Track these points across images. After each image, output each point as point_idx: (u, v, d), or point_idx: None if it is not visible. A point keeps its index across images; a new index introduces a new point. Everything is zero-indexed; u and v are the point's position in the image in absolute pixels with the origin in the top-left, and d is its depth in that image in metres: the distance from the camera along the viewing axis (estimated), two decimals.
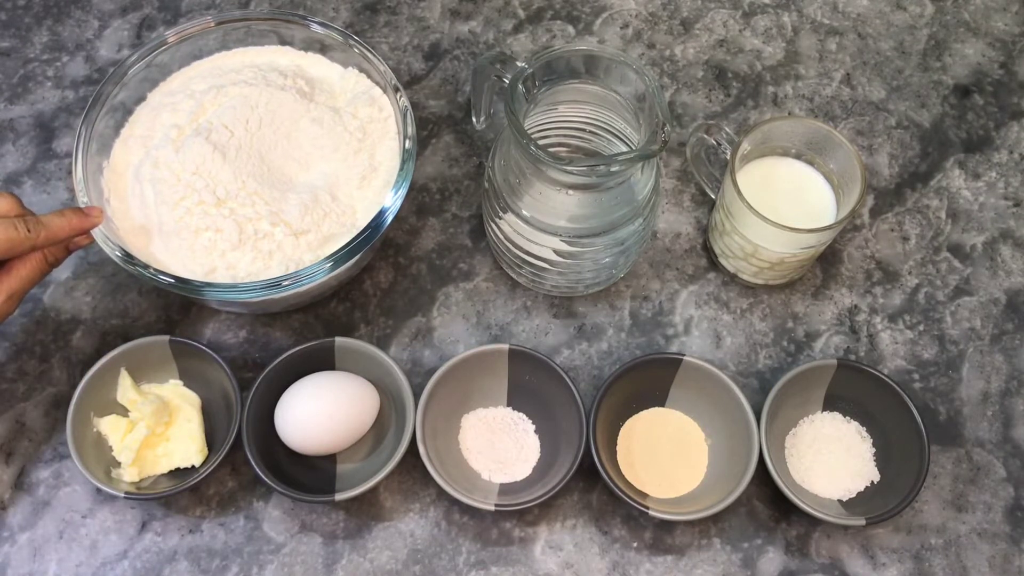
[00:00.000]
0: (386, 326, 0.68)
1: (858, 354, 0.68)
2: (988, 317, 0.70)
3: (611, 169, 0.56)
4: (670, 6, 0.81)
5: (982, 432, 0.66)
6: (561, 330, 0.68)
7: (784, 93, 0.78)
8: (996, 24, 0.81)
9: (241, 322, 0.68)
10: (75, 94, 0.76)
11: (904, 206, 0.74)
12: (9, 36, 0.79)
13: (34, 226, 0.56)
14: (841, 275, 0.71)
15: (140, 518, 0.62)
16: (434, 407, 0.62)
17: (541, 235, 0.61)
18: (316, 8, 0.80)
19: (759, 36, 0.80)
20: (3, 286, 0.56)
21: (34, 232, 0.56)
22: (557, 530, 0.62)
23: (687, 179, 0.74)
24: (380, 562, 0.61)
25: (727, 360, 0.68)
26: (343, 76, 0.69)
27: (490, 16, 0.80)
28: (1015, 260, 0.72)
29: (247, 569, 0.61)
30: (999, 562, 0.62)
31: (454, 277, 0.70)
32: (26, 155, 0.74)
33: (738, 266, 0.68)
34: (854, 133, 0.76)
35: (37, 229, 0.56)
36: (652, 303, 0.70)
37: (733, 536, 0.63)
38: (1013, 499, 0.64)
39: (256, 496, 0.63)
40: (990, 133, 0.77)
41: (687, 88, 0.78)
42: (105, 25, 0.79)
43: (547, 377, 0.63)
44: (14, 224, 0.55)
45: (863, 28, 0.81)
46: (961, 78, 0.79)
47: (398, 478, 0.63)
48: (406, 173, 0.62)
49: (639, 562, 0.62)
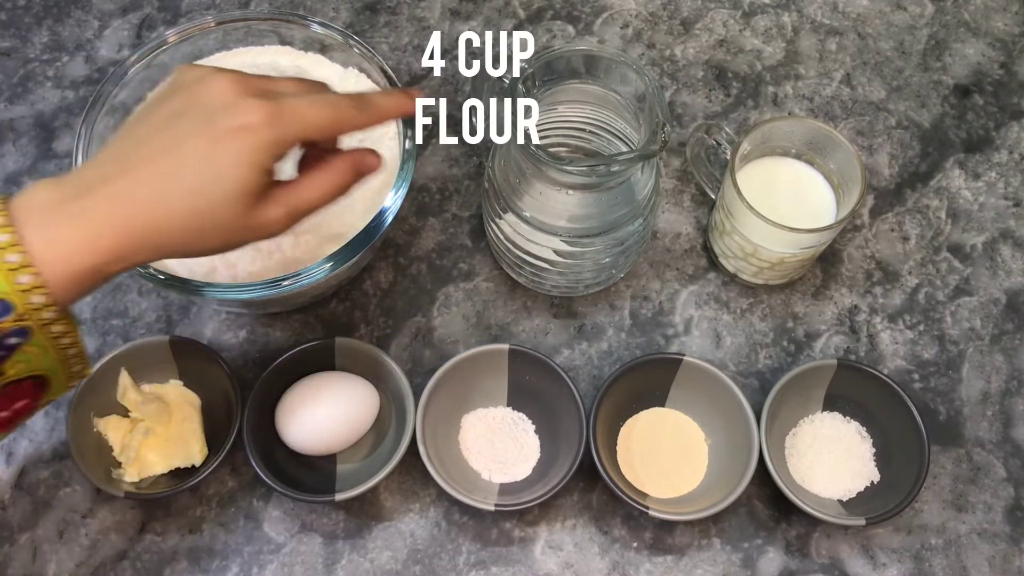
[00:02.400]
0: (386, 326, 0.68)
1: (858, 354, 0.68)
2: (988, 317, 0.70)
3: (611, 169, 0.56)
4: (670, 6, 0.81)
5: (982, 432, 0.66)
6: (561, 330, 0.68)
7: (784, 93, 0.78)
8: (996, 24, 0.81)
9: (241, 322, 0.68)
10: (75, 94, 0.76)
11: (904, 206, 0.74)
12: (9, 36, 0.78)
13: (361, 103, 0.49)
14: (841, 275, 0.71)
15: (140, 518, 0.62)
16: (434, 407, 0.62)
17: (541, 235, 0.61)
18: (316, 8, 0.80)
19: (759, 36, 0.80)
20: (283, 199, 0.48)
21: (363, 110, 0.48)
22: (557, 530, 0.62)
23: (687, 179, 0.74)
24: (380, 562, 0.61)
25: (727, 360, 0.68)
26: (343, 76, 0.69)
27: (490, 16, 0.80)
28: (1015, 260, 0.72)
29: (247, 569, 0.61)
30: (999, 562, 0.62)
31: (454, 277, 0.70)
32: (26, 155, 0.74)
33: (738, 266, 0.68)
34: (854, 133, 0.76)
35: (365, 107, 0.49)
36: (652, 303, 0.70)
37: (733, 536, 0.63)
38: (1013, 499, 0.64)
39: (256, 496, 0.63)
40: (990, 133, 0.77)
41: (687, 88, 0.78)
42: (105, 25, 0.79)
43: (547, 377, 0.63)
44: (337, 100, 0.48)
45: (863, 28, 0.81)
46: (961, 78, 0.79)
47: (398, 478, 0.63)
48: (406, 173, 0.62)
49: (639, 562, 0.62)
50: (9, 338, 0.43)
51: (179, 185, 0.45)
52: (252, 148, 0.45)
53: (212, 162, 0.45)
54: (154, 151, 0.45)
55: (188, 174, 0.45)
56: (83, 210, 0.44)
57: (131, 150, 0.46)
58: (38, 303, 0.43)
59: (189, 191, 0.45)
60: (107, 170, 0.45)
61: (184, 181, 0.45)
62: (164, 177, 0.45)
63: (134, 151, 0.46)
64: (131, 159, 0.46)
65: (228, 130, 0.45)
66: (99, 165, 0.46)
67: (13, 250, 0.43)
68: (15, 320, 0.43)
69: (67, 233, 0.44)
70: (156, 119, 0.47)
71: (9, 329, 0.43)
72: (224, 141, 0.45)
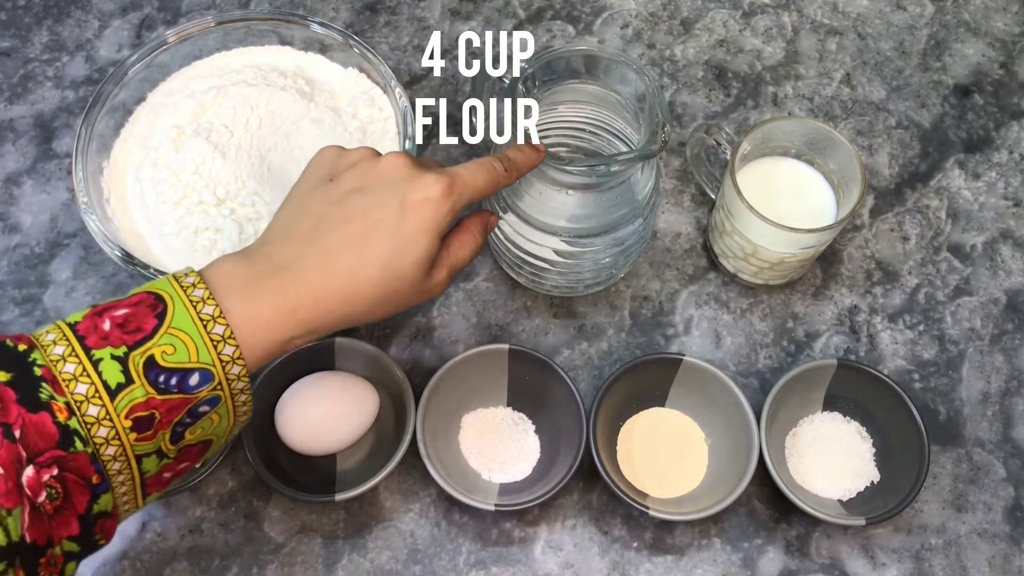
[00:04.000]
0: (386, 326, 0.68)
1: (858, 354, 0.68)
2: (988, 317, 0.70)
3: (611, 169, 0.56)
4: (670, 6, 0.81)
5: (982, 432, 0.66)
6: (561, 330, 0.68)
7: (784, 93, 0.78)
8: (996, 24, 0.81)
9: None
10: (75, 94, 0.76)
11: (904, 206, 0.74)
12: (9, 36, 0.79)
13: (507, 163, 0.52)
14: (841, 275, 0.71)
15: (140, 518, 0.62)
16: (434, 407, 0.62)
17: (541, 235, 0.61)
18: (316, 8, 0.80)
19: (759, 36, 0.80)
20: (445, 261, 0.52)
21: (510, 169, 0.52)
22: (557, 530, 0.62)
23: (687, 179, 0.74)
24: (380, 562, 0.61)
25: (727, 360, 0.68)
26: (343, 76, 0.69)
27: (490, 16, 0.80)
28: (1015, 260, 0.72)
29: (247, 569, 0.61)
30: (999, 562, 0.62)
31: (454, 277, 0.70)
32: (26, 155, 0.74)
33: (738, 266, 0.68)
34: (854, 133, 0.76)
35: (510, 165, 0.53)
36: (652, 303, 0.70)
37: (733, 536, 0.63)
38: (1013, 499, 0.64)
39: (256, 496, 0.63)
40: (990, 133, 0.77)
41: (687, 88, 0.78)
42: (105, 25, 0.79)
43: (547, 377, 0.63)
44: (491, 164, 0.52)
45: (863, 28, 0.81)
46: (961, 78, 0.79)
47: (398, 478, 0.63)
48: None
49: (639, 562, 0.62)
50: (202, 406, 0.45)
51: (371, 256, 0.48)
52: (435, 217, 0.49)
53: (401, 233, 0.48)
54: (342, 226, 0.48)
55: (380, 245, 0.48)
56: (282, 285, 0.47)
57: (314, 227, 0.48)
58: (234, 374, 0.45)
59: (381, 261, 0.48)
60: (296, 247, 0.48)
61: (376, 252, 0.48)
62: (356, 250, 0.47)
63: (318, 228, 0.48)
64: (318, 235, 0.48)
65: (415, 203, 0.48)
66: (283, 242, 0.49)
67: (218, 322, 0.45)
68: (212, 390, 0.45)
69: (268, 308, 0.46)
70: (333, 196, 0.49)
71: (205, 398, 0.45)
72: (411, 212, 0.48)
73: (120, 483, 0.45)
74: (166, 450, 0.45)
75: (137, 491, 0.46)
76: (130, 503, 0.46)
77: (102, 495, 0.44)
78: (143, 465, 0.45)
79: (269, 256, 0.48)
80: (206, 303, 0.45)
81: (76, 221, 0.71)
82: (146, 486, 0.46)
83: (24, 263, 0.70)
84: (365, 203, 0.49)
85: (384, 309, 0.50)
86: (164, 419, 0.44)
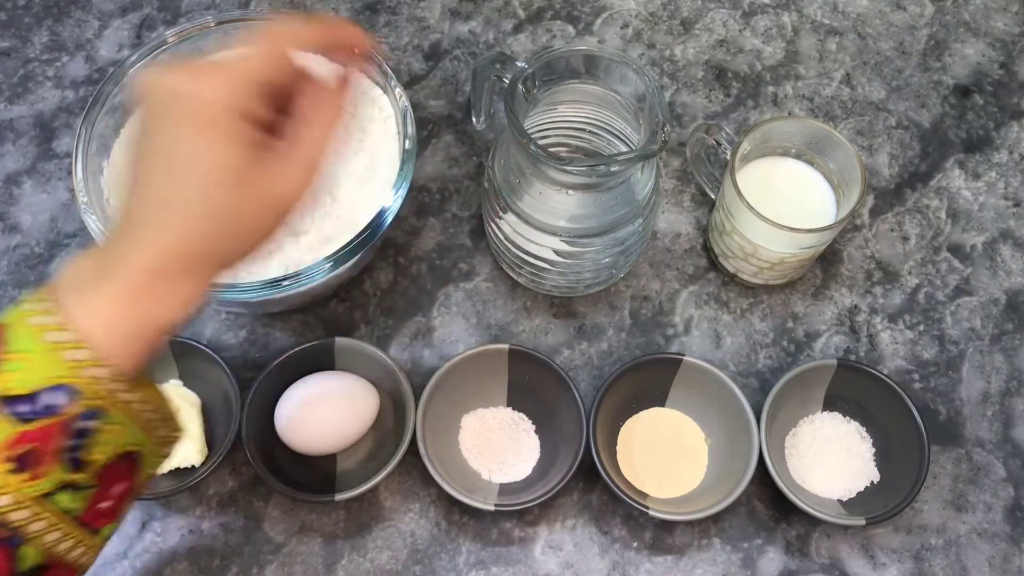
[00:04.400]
0: (386, 326, 0.68)
1: (858, 354, 0.68)
2: (988, 317, 0.70)
3: (611, 169, 0.56)
4: (670, 6, 0.81)
5: (982, 432, 0.66)
6: (561, 330, 0.68)
7: (784, 93, 0.78)
8: (996, 24, 0.81)
9: (241, 322, 0.68)
10: (75, 94, 0.76)
11: (904, 206, 0.74)
12: (9, 36, 0.79)
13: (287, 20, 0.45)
14: (841, 275, 0.71)
15: (140, 518, 0.62)
16: (434, 407, 0.62)
17: (541, 235, 0.61)
18: (316, 8, 0.80)
19: (759, 36, 0.80)
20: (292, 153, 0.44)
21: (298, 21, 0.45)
22: (557, 530, 0.62)
23: (687, 179, 0.74)
24: (380, 562, 0.61)
25: (727, 360, 0.68)
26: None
27: (490, 16, 0.80)
28: (1015, 260, 0.72)
29: (247, 569, 0.61)
30: (999, 562, 0.62)
31: (454, 277, 0.70)
32: (26, 155, 0.74)
33: (738, 266, 0.68)
34: (854, 133, 0.76)
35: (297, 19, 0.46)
36: (652, 303, 0.70)
37: (733, 536, 0.63)
38: (1013, 499, 0.64)
39: (256, 496, 0.63)
40: (990, 133, 0.77)
41: (687, 88, 0.78)
42: (105, 25, 0.79)
43: (547, 377, 0.63)
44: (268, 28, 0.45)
45: (863, 28, 0.81)
46: (961, 78, 0.79)
47: (398, 478, 0.63)
48: (406, 173, 0.62)
49: (639, 562, 0.62)
50: (82, 422, 0.40)
51: (178, 201, 0.42)
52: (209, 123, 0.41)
53: (194, 159, 0.41)
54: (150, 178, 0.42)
55: (181, 187, 0.42)
56: (113, 269, 0.41)
57: (132, 195, 0.43)
58: (101, 376, 0.40)
59: (187, 201, 0.41)
60: (123, 227, 0.43)
61: (181, 192, 0.41)
62: (163, 202, 0.42)
63: (134, 195, 0.43)
64: (133, 206, 0.43)
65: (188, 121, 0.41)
66: (121, 222, 0.43)
67: (59, 331, 0.40)
68: (84, 403, 0.40)
69: (103, 298, 0.41)
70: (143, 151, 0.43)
71: (80, 413, 0.40)
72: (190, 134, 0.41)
73: (40, 530, 0.40)
74: (77, 480, 0.40)
75: (77, 530, 0.41)
76: (80, 543, 0.42)
77: (20, 547, 0.39)
78: (60, 504, 0.40)
79: (108, 240, 0.43)
80: (49, 315, 0.40)
81: (76, 221, 0.71)
82: (86, 523, 0.42)
83: (24, 263, 0.70)
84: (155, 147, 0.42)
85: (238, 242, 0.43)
86: (46, 449, 0.39)
